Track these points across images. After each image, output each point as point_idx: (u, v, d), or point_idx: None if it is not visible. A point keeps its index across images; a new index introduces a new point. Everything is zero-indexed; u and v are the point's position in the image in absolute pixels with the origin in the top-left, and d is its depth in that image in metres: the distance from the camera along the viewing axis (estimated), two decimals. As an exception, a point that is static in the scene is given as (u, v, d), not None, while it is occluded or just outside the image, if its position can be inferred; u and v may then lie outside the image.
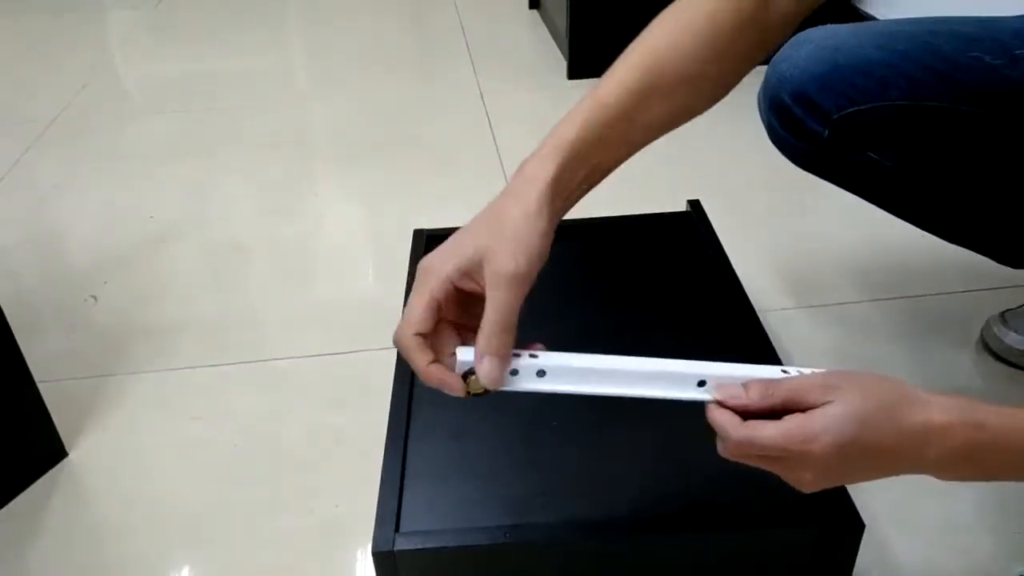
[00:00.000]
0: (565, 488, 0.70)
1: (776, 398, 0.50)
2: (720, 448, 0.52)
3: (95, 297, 1.24)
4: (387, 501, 0.70)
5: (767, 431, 0.49)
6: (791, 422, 0.49)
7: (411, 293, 0.52)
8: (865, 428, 0.49)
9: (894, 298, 1.14)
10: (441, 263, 0.52)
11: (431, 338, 0.53)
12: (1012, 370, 1.01)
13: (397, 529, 0.67)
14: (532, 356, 0.55)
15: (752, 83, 0.73)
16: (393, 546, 0.66)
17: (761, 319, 0.90)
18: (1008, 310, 1.03)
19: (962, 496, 0.84)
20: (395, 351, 0.59)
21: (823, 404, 0.49)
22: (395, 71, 2.06)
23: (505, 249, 0.51)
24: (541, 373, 0.54)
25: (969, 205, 0.92)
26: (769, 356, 0.83)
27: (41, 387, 0.93)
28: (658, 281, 0.95)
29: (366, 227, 1.43)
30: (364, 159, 1.66)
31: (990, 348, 1.03)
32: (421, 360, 0.53)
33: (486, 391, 0.52)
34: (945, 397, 0.51)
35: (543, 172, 0.54)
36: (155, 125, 1.84)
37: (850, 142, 0.85)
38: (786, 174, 0.93)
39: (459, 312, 0.54)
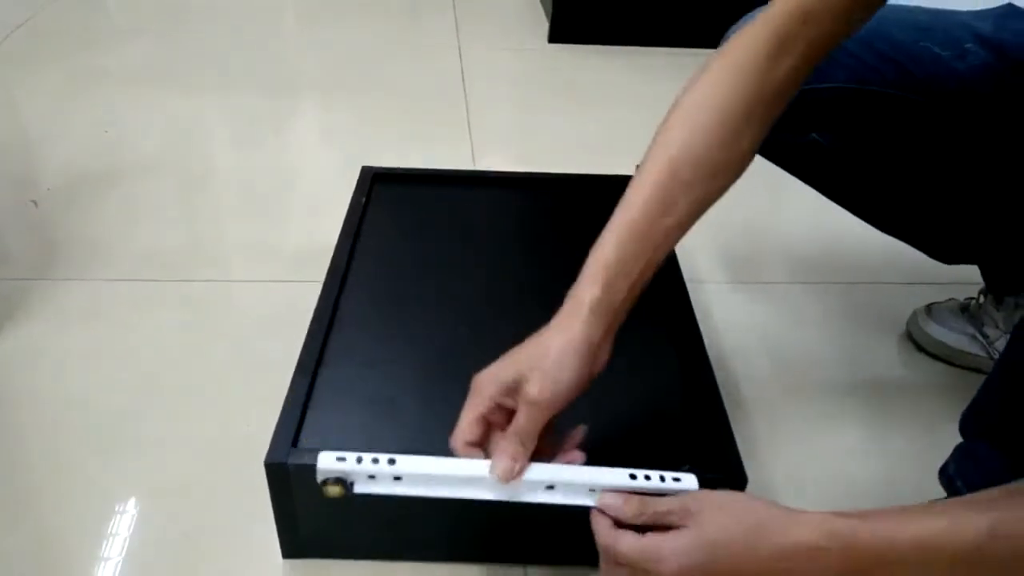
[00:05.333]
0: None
1: (646, 516, 0.55)
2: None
3: (35, 202, 1.23)
4: (289, 417, 0.70)
5: (625, 541, 0.54)
6: (647, 539, 0.54)
7: (464, 407, 0.59)
8: (718, 555, 0.51)
9: (827, 283, 1.16)
10: (488, 384, 0.59)
11: (485, 443, 0.60)
12: (933, 362, 1.03)
13: (295, 444, 0.68)
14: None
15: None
16: (287, 459, 0.66)
17: (696, 290, 0.91)
18: (934, 303, 1.05)
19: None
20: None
21: (680, 528, 0.53)
22: (378, 16, 2.04)
23: (537, 379, 0.57)
24: (397, 479, 0.58)
25: (906, 196, 0.93)
26: (690, 326, 0.84)
27: (-35, 283, 0.92)
28: (594, 239, 0.95)
29: (324, 164, 1.42)
30: (333, 98, 1.65)
31: (914, 339, 1.05)
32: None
33: (343, 496, 0.58)
34: (814, 515, 0.51)
35: (587, 296, 0.59)
36: (128, 44, 1.80)
37: (795, 121, 0.86)
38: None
39: (507, 422, 0.59)
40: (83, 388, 0.92)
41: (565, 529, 0.71)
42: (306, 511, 0.70)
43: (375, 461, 0.56)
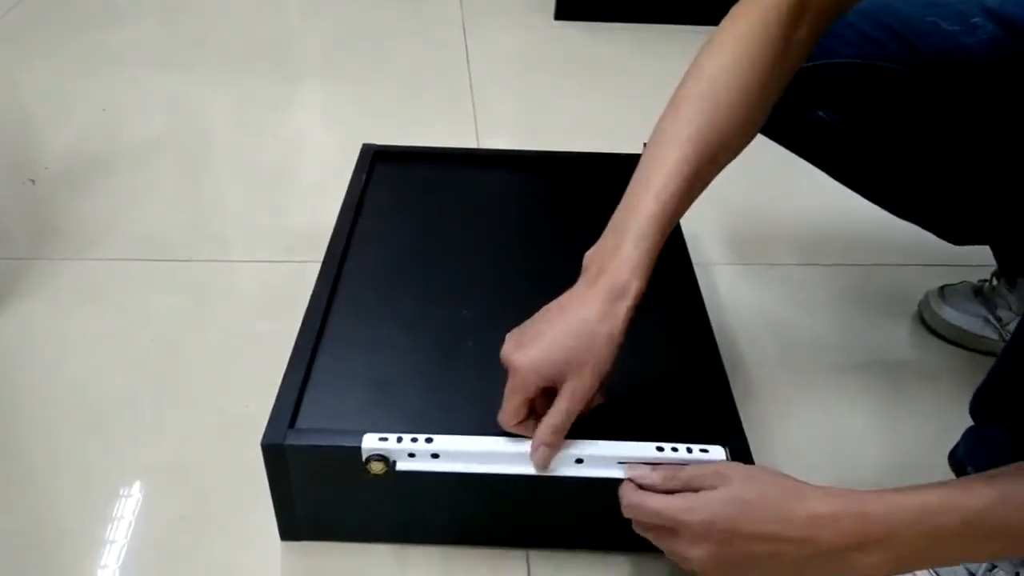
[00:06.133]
0: (465, 406, 0.70)
1: (677, 481, 0.58)
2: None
3: (33, 181, 1.22)
4: (286, 398, 0.69)
5: (654, 498, 0.58)
6: (677, 496, 0.57)
7: (507, 388, 0.60)
8: (743, 514, 0.54)
9: (837, 265, 1.14)
10: (531, 372, 0.59)
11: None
12: (945, 345, 1.01)
13: (292, 426, 0.67)
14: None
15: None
16: (284, 440, 0.65)
17: (704, 272, 0.89)
18: (947, 285, 1.03)
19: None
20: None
21: (712, 488, 0.55)
22: (381, -7, 2.01)
23: (588, 371, 0.58)
24: (435, 456, 0.63)
25: (914, 175, 0.91)
26: (696, 307, 0.82)
27: (-40, 262, 0.91)
28: (600, 220, 0.93)
29: (326, 144, 1.41)
30: (334, 78, 1.62)
31: (926, 322, 1.03)
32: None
33: (386, 472, 0.63)
34: (831, 489, 0.54)
35: (633, 287, 0.58)
36: (127, 24, 1.78)
37: (801, 99, 0.83)
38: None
39: (545, 397, 0.61)
40: (80, 369, 0.91)
41: (567, 513, 0.70)
42: (304, 493, 0.69)
43: (414, 440, 0.62)
